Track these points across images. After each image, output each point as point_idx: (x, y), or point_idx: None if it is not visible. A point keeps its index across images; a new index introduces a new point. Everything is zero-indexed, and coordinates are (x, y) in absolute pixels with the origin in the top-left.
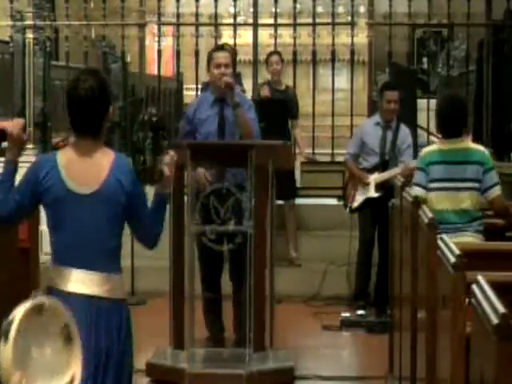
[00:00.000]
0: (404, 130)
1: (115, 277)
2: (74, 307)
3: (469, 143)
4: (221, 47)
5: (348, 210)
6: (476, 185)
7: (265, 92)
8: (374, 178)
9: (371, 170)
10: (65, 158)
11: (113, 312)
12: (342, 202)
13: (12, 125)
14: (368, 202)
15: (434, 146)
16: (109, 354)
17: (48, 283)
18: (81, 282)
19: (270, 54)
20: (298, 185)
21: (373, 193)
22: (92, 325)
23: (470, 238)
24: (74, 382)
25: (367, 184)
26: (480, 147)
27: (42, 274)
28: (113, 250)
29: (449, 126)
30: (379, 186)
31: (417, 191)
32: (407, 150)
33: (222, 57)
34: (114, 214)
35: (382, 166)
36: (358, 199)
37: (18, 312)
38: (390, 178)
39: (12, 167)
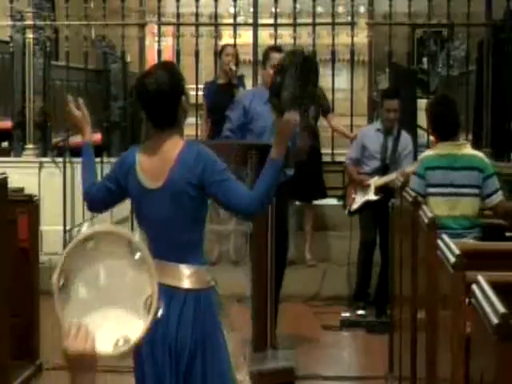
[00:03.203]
0: (405, 137)
1: (185, 267)
2: None
3: (468, 149)
4: (278, 48)
5: (347, 212)
6: (476, 191)
7: None
8: (374, 181)
9: (371, 174)
10: (143, 152)
11: (189, 301)
12: (341, 202)
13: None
14: (367, 204)
15: (432, 151)
16: (192, 342)
17: None
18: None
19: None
20: None
21: (372, 196)
22: (165, 314)
23: None
24: (151, 306)
25: (367, 186)
26: (479, 153)
27: (42, 272)
28: (186, 242)
29: (444, 127)
30: (378, 190)
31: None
32: (408, 156)
33: (279, 58)
34: (181, 207)
35: (383, 170)
36: (358, 202)
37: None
38: (389, 182)
39: (86, 147)
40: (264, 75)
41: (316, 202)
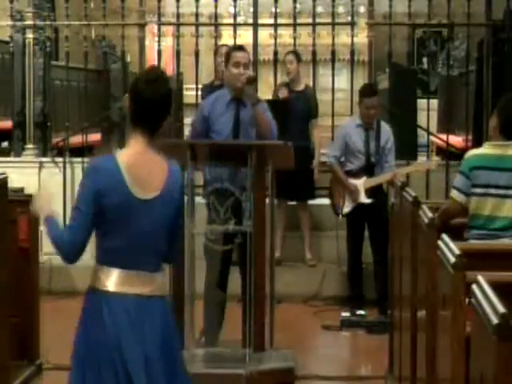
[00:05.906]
0: (385, 129)
1: (159, 275)
2: (119, 307)
3: None
4: (240, 47)
5: (340, 215)
6: None
7: (283, 93)
8: (363, 182)
9: (357, 173)
10: (126, 161)
11: (156, 309)
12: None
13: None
14: (359, 207)
15: (481, 149)
16: (158, 349)
17: (92, 284)
18: (128, 282)
19: (286, 53)
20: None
21: (364, 199)
22: (137, 323)
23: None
24: None
25: (356, 196)
26: None
27: (42, 272)
28: (162, 253)
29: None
30: (369, 191)
31: (454, 195)
32: (392, 149)
33: (241, 56)
34: (168, 219)
35: (369, 168)
36: (348, 205)
37: None
38: (379, 183)
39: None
40: (226, 75)
41: (315, 202)
